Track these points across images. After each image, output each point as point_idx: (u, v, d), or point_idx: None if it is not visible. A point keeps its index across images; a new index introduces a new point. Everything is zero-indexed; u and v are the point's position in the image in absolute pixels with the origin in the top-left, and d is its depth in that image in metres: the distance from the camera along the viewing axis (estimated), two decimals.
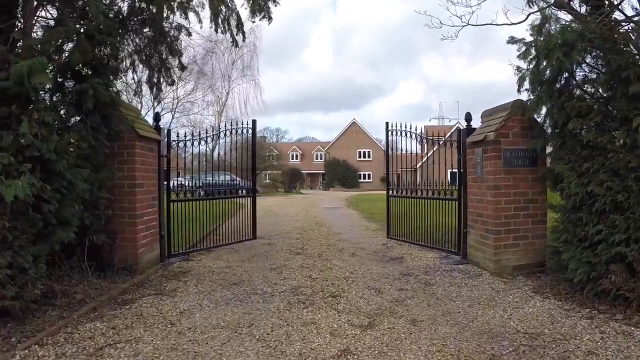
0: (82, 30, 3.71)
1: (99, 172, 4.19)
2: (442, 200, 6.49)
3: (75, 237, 3.85)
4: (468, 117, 6.11)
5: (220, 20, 6.16)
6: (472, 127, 6.02)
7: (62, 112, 3.91)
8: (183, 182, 7.08)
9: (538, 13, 5.05)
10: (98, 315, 3.60)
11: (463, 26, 6.56)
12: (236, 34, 6.46)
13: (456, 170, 6.60)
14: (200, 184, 7.50)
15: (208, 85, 27.50)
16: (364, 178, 48.00)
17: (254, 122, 7.15)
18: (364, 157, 48.98)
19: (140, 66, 6.15)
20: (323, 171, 48.63)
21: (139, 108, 23.88)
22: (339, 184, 45.71)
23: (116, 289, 4.29)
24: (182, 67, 6.94)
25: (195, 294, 4.28)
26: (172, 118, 27.63)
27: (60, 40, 3.80)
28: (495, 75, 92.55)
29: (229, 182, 7.65)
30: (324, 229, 9.60)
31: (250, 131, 7.11)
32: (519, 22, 6.30)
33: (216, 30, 6.28)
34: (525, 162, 5.21)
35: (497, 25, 6.10)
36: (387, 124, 7.42)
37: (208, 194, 7.00)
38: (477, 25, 6.73)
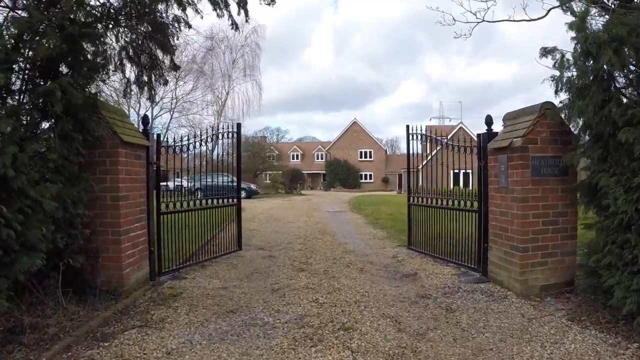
0: (49, 20, 3.15)
1: (74, 186, 3.62)
2: (460, 211, 5.96)
3: (46, 263, 3.31)
4: (488, 120, 5.55)
5: None
6: (493, 131, 5.47)
7: (28, 117, 3.32)
8: (179, 184, 6.63)
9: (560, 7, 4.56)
10: (71, 357, 3.06)
11: (478, 22, 6.05)
12: (237, 13, 5.82)
13: (457, 170, 6.18)
14: (194, 190, 7.06)
15: (208, 85, 27.00)
16: (365, 178, 47.48)
17: (238, 125, 7.12)
18: (365, 157, 48.43)
19: (129, 65, 5.56)
20: (324, 171, 48.07)
21: (137, 108, 23.30)
22: (340, 184, 45.14)
23: (96, 318, 3.75)
24: (175, 67, 6.37)
25: (186, 325, 3.72)
26: (171, 118, 27.20)
27: (28, 33, 3.24)
28: (496, 75, 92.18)
29: (227, 185, 7.18)
30: (328, 237, 9.04)
31: (235, 135, 6.94)
32: (539, 18, 5.78)
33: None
34: (555, 170, 4.68)
35: (515, 21, 5.64)
36: (407, 127, 7.08)
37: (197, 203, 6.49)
38: (492, 21, 6.25)
